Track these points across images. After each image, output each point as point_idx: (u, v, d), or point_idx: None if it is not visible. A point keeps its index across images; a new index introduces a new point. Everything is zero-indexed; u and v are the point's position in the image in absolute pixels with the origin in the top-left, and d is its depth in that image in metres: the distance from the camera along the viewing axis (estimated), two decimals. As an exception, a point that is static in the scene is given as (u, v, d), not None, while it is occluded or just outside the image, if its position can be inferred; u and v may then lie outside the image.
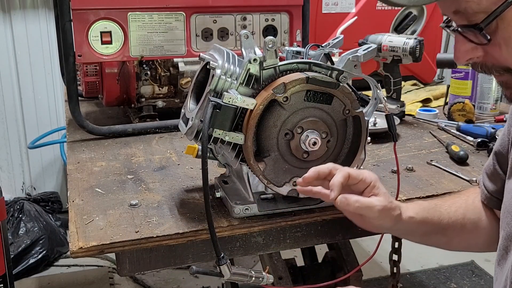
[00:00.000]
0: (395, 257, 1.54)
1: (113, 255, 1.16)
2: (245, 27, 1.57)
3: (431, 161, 1.33)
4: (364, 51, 0.99)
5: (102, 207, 1.07)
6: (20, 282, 2.67)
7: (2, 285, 1.79)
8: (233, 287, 1.75)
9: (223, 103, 0.92)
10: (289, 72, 0.97)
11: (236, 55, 0.99)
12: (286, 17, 1.60)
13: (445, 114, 1.76)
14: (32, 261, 2.74)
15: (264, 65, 0.95)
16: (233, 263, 1.17)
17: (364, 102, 1.03)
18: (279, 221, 1.01)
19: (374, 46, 1.02)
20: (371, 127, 1.45)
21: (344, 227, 1.08)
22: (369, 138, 1.05)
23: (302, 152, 0.98)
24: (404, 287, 2.61)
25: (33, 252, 2.76)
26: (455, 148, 1.36)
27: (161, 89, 1.71)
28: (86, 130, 1.52)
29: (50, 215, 3.02)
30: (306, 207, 1.04)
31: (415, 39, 1.56)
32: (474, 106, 1.71)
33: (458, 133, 1.54)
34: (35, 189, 3.33)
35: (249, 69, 0.95)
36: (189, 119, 1.01)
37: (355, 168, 1.02)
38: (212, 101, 0.92)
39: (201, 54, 1.02)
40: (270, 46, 0.94)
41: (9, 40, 3.08)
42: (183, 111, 1.07)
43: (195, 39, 1.54)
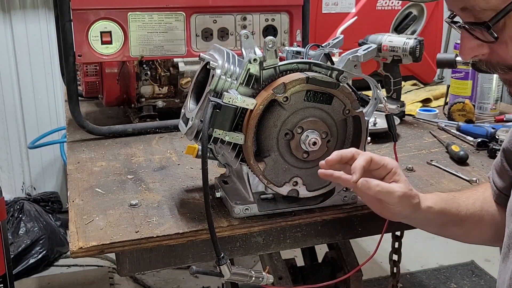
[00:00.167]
0: (395, 257, 1.55)
1: (113, 255, 1.16)
2: (245, 27, 1.57)
3: (431, 161, 1.33)
4: (364, 51, 0.99)
5: (102, 207, 1.07)
6: (20, 282, 2.67)
7: (2, 285, 1.79)
8: (233, 287, 1.76)
9: (223, 103, 0.92)
10: (289, 72, 0.97)
11: (236, 55, 0.99)
12: (286, 17, 1.60)
13: (445, 114, 1.76)
14: (32, 261, 2.74)
15: (264, 65, 0.95)
16: (233, 263, 1.17)
17: (364, 102, 1.03)
18: (279, 221, 1.01)
19: (374, 46, 1.02)
20: (371, 127, 1.45)
21: (344, 227, 1.08)
22: (369, 138, 1.05)
23: (302, 152, 0.98)
24: (404, 287, 2.61)
25: (33, 252, 2.76)
26: (455, 148, 1.36)
27: (161, 89, 1.71)
28: (86, 130, 1.52)
29: (50, 215, 3.02)
30: (306, 207, 1.04)
31: (415, 39, 1.56)
32: (474, 106, 1.71)
33: (458, 133, 1.54)
34: (35, 189, 3.33)
35: (249, 69, 0.95)
36: (189, 119, 1.01)
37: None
38: (212, 101, 0.92)
39: (201, 54, 1.02)
40: (270, 46, 0.94)
41: (9, 40, 3.08)
42: (183, 111, 1.07)
43: (195, 39, 1.54)
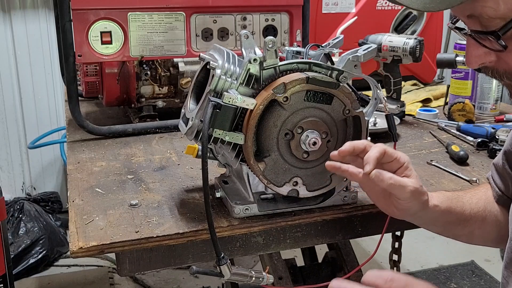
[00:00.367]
0: (395, 257, 1.55)
1: (113, 255, 1.16)
2: (245, 27, 1.56)
3: (431, 161, 1.33)
4: (364, 51, 0.99)
5: (102, 207, 1.07)
6: (20, 282, 2.67)
7: (2, 285, 1.79)
8: (233, 287, 1.76)
9: (223, 103, 0.92)
10: (289, 72, 0.97)
11: (236, 55, 0.99)
12: (286, 17, 1.60)
13: (445, 114, 1.76)
14: (32, 261, 2.74)
15: (264, 65, 0.95)
16: (233, 263, 1.17)
17: (364, 102, 1.03)
18: (279, 221, 1.01)
19: (374, 46, 1.01)
20: (371, 127, 1.45)
21: (344, 227, 1.08)
22: (369, 138, 1.05)
23: (302, 152, 0.98)
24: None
25: (33, 252, 2.76)
26: (455, 148, 1.36)
27: (161, 89, 1.71)
28: (86, 130, 1.52)
29: (50, 215, 3.02)
30: (306, 207, 1.04)
31: (415, 39, 1.56)
32: (474, 106, 1.71)
33: (458, 133, 1.54)
34: (35, 189, 3.33)
35: (249, 69, 0.95)
36: (189, 119, 1.01)
37: None
38: (212, 101, 0.92)
39: (201, 54, 1.02)
40: (270, 46, 0.94)
41: (9, 40, 3.08)
42: (183, 111, 1.07)
43: (195, 39, 1.54)
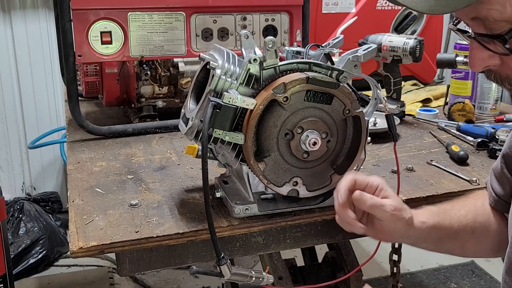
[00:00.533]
0: (395, 257, 1.55)
1: (113, 255, 1.16)
2: (245, 27, 1.56)
3: (431, 161, 1.33)
4: (364, 51, 0.99)
5: (102, 207, 1.07)
6: (20, 282, 2.67)
7: (2, 285, 1.79)
8: (233, 287, 1.76)
9: (223, 103, 0.92)
10: (289, 72, 0.97)
11: (236, 55, 0.99)
12: (286, 17, 1.60)
13: (445, 114, 1.76)
14: (32, 261, 2.74)
15: (264, 65, 0.95)
16: (233, 263, 1.17)
17: (364, 102, 1.03)
18: (279, 221, 1.01)
19: (374, 46, 1.01)
20: (371, 127, 1.45)
21: (344, 227, 1.08)
22: (369, 138, 1.05)
23: (302, 152, 0.98)
24: (404, 287, 2.61)
25: (33, 252, 2.76)
26: (455, 148, 1.36)
27: (161, 89, 1.71)
28: (86, 130, 1.52)
29: (50, 215, 3.02)
30: (306, 207, 1.04)
31: (415, 39, 1.56)
32: (474, 106, 1.71)
33: (458, 133, 1.54)
34: (35, 189, 3.33)
35: (249, 69, 0.95)
36: (189, 119, 1.01)
37: (356, 169, 1.02)
38: (212, 101, 0.92)
39: (201, 54, 1.02)
40: (270, 46, 0.94)
41: (9, 40, 3.07)
42: (183, 111, 1.07)
43: (195, 39, 1.54)
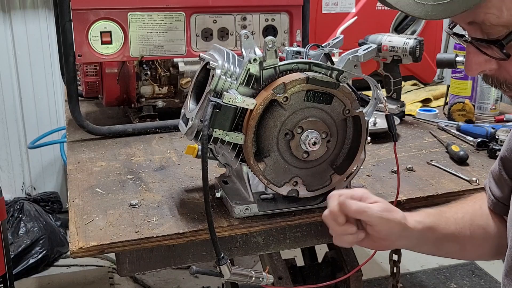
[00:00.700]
0: (395, 257, 1.54)
1: (113, 255, 1.16)
2: (245, 27, 1.56)
3: (431, 161, 1.33)
4: (364, 51, 0.99)
5: (102, 207, 1.07)
6: (20, 282, 2.67)
7: (2, 285, 1.79)
8: (233, 287, 1.76)
9: (223, 103, 0.92)
10: (289, 72, 0.97)
11: (236, 55, 0.99)
12: (286, 17, 1.60)
13: (445, 114, 1.76)
14: (32, 261, 2.74)
15: (264, 65, 0.95)
16: (233, 263, 1.17)
17: (364, 102, 1.03)
18: (279, 221, 1.01)
19: (374, 46, 1.01)
20: (371, 127, 1.45)
21: (344, 227, 1.08)
22: (369, 138, 1.05)
23: (302, 152, 0.98)
24: (404, 287, 2.61)
25: (33, 252, 2.76)
26: (455, 148, 1.36)
27: (161, 89, 1.71)
28: (86, 130, 1.52)
29: (50, 215, 3.02)
30: (306, 207, 1.04)
31: (415, 39, 1.56)
32: (474, 106, 1.71)
33: (458, 133, 1.54)
34: (35, 189, 3.33)
35: (249, 69, 0.95)
36: (189, 119, 1.01)
37: (356, 170, 1.02)
38: (212, 101, 0.92)
39: (201, 54, 1.02)
40: (270, 46, 0.94)
41: (9, 40, 3.07)
42: (183, 111, 1.07)
43: (195, 39, 1.54)
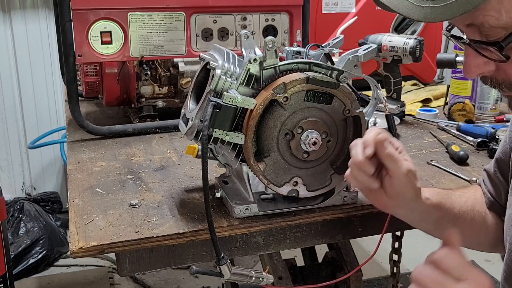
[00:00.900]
0: (395, 257, 1.54)
1: (113, 255, 1.16)
2: (245, 27, 1.56)
3: (431, 161, 1.33)
4: (364, 51, 0.99)
5: (102, 207, 1.07)
6: (20, 282, 2.67)
7: (2, 285, 1.79)
8: (233, 287, 1.76)
9: (223, 103, 0.92)
10: (289, 72, 0.97)
11: (236, 55, 0.99)
12: (286, 17, 1.60)
13: (445, 114, 1.76)
14: (32, 261, 2.74)
15: (264, 65, 0.95)
16: (233, 263, 1.17)
17: (364, 102, 1.03)
18: (279, 221, 1.01)
19: (374, 46, 1.01)
20: (371, 127, 1.45)
21: (344, 227, 1.08)
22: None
23: (302, 152, 0.98)
24: (404, 287, 2.60)
25: (33, 252, 2.76)
26: (455, 148, 1.36)
27: (161, 89, 1.71)
28: (86, 130, 1.51)
29: (50, 215, 3.02)
30: (306, 207, 1.04)
31: (415, 39, 1.56)
32: (474, 106, 1.71)
33: (458, 133, 1.54)
34: (35, 189, 3.33)
35: (249, 69, 0.95)
36: (189, 119, 1.01)
37: None
38: (212, 101, 0.92)
39: (201, 54, 1.02)
40: (270, 46, 0.94)
41: (9, 40, 3.08)
42: (183, 111, 1.07)
43: (195, 39, 1.54)
